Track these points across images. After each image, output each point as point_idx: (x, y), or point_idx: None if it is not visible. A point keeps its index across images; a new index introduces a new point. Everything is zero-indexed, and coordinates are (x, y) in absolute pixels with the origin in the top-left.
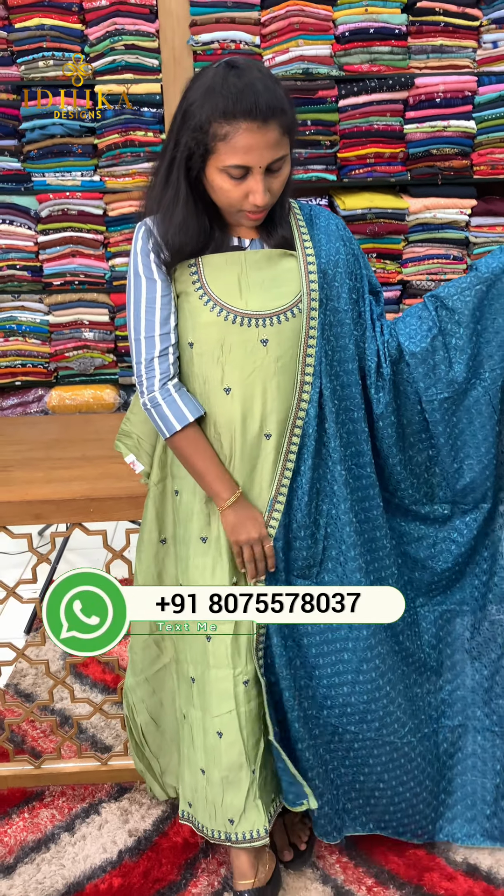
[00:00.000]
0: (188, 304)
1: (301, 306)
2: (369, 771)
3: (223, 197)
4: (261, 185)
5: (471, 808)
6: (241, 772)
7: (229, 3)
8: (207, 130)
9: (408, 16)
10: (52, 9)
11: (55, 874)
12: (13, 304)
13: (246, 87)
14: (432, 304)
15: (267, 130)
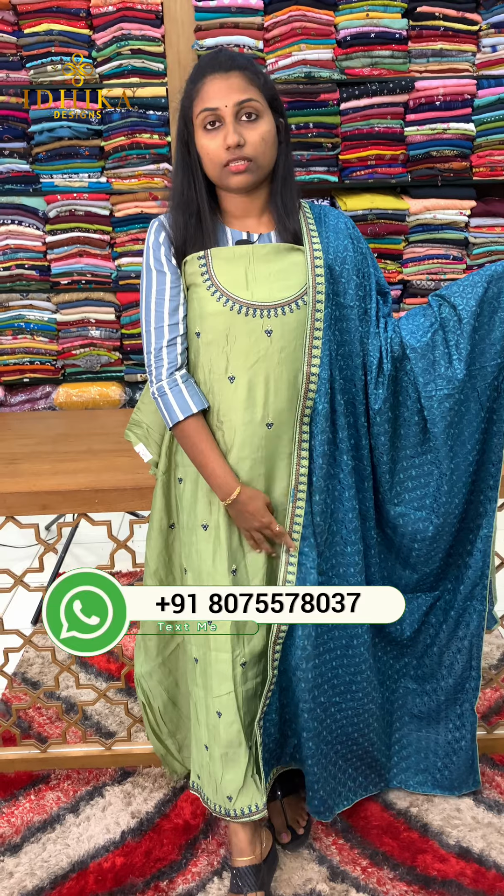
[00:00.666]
0: (196, 294)
1: (306, 298)
2: (346, 739)
3: (206, 155)
4: (230, 127)
5: (423, 761)
6: (240, 748)
7: (233, 8)
8: (189, 96)
9: (408, 20)
10: (60, 14)
11: (60, 853)
12: (22, 302)
13: (212, 53)
14: (436, 301)
15: (229, 76)
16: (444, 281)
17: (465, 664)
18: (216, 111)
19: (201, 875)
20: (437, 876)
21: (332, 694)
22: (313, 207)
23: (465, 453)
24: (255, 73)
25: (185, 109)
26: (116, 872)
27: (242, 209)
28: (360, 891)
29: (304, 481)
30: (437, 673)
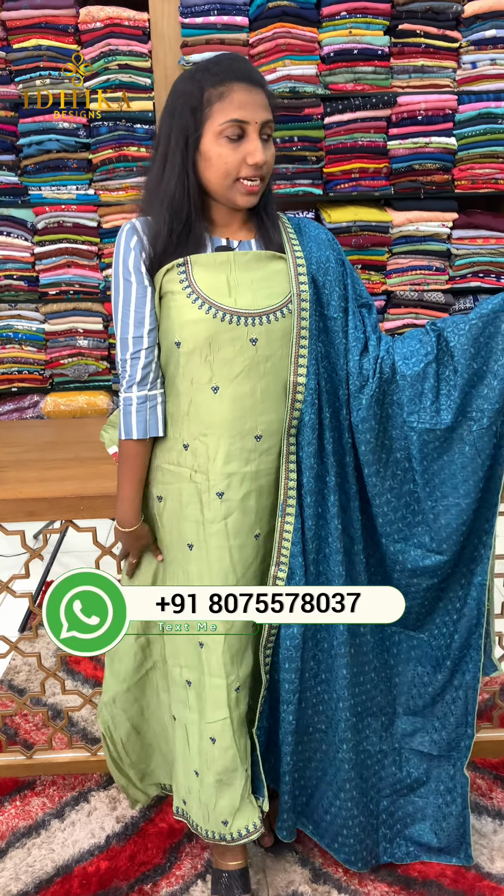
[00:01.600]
0: (175, 302)
1: (291, 307)
2: (323, 777)
3: (220, 166)
4: (258, 143)
5: (410, 827)
6: (236, 773)
7: (219, 25)
8: (201, 98)
9: (390, 38)
10: (48, 30)
11: (45, 858)
12: (10, 312)
13: (231, 59)
14: (434, 332)
15: (259, 92)
16: (427, 292)
17: (461, 718)
18: (245, 124)
19: (185, 878)
20: (417, 877)
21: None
22: (291, 219)
23: (457, 496)
24: (271, 94)
25: (197, 110)
26: (101, 876)
27: (227, 218)
28: (341, 892)
29: (294, 495)
30: (429, 724)
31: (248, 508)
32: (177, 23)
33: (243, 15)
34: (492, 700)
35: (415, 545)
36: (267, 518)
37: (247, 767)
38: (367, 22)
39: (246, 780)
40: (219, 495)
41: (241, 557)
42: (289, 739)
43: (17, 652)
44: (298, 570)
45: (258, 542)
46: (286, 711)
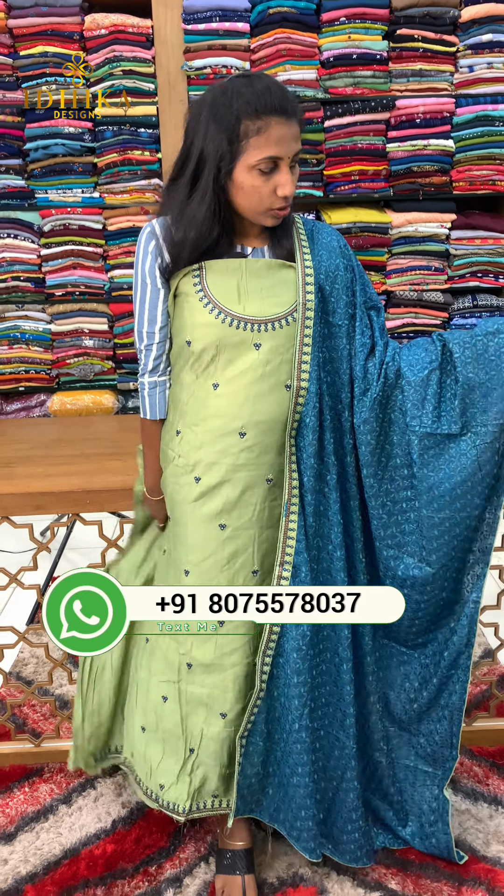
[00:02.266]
0: (188, 304)
1: (296, 315)
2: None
3: (253, 196)
4: (289, 176)
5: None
6: (178, 742)
7: (221, 31)
8: (237, 130)
9: (388, 42)
10: (54, 37)
11: (53, 841)
12: (17, 313)
13: (268, 86)
14: (440, 341)
15: (293, 123)
16: (426, 292)
17: (445, 738)
18: (279, 159)
19: (189, 860)
20: (415, 859)
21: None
22: (306, 223)
23: (453, 509)
24: (301, 117)
25: (234, 142)
26: (107, 858)
27: (246, 228)
28: (340, 873)
29: (297, 494)
30: (415, 739)
31: (218, 495)
32: (180, 29)
33: (245, 21)
34: (489, 690)
35: (407, 553)
36: (238, 511)
37: (193, 748)
38: (366, 27)
39: (186, 759)
40: (196, 479)
41: (202, 541)
42: (303, 759)
43: (25, 643)
44: (304, 566)
45: (223, 533)
46: (298, 729)
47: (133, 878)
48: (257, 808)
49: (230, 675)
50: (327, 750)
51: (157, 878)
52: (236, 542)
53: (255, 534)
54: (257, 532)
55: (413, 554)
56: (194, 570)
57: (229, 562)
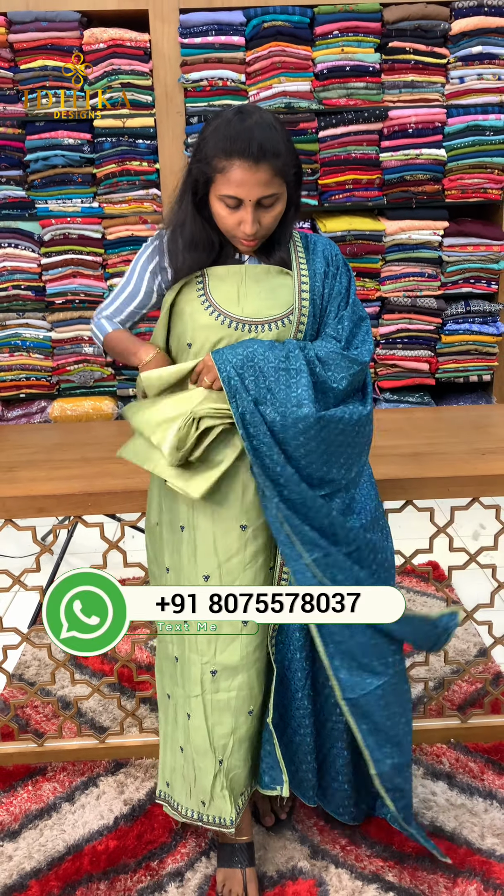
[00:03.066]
0: (190, 308)
1: (291, 318)
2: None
3: (220, 222)
4: (249, 217)
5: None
6: (206, 758)
7: (216, 44)
8: (210, 163)
9: (381, 55)
10: (54, 51)
11: (56, 838)
12: (18, 321)
13: (245, 129)
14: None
15: (258, 170)
16: (420, 298)
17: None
18: (239, 200)
19: (190, 855)
20: (411, 852)
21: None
22: (304, 237)
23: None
24: (283, 159)
25: (202, 172)
26: (110, 854)
27: None
28: (338, 867)
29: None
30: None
31: (235, 497)
32: (176, 43)
33: (240, 35)
34: (483, 688)
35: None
36: (256, 511)
37: (221, 759)
38: (359, 40)
39: (219, 771)
40: None
41: (224, 544)
42: (306, 722)
43: (28, 643)
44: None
45: (245, 534)
46: (301, 697)
47: (135, 872)
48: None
49: (254, 671)
50: (324, 716)
51: (159, 872)
52: (257, 542)
53: (270, 533)
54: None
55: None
56: (216, 572)
57: (252, 560)
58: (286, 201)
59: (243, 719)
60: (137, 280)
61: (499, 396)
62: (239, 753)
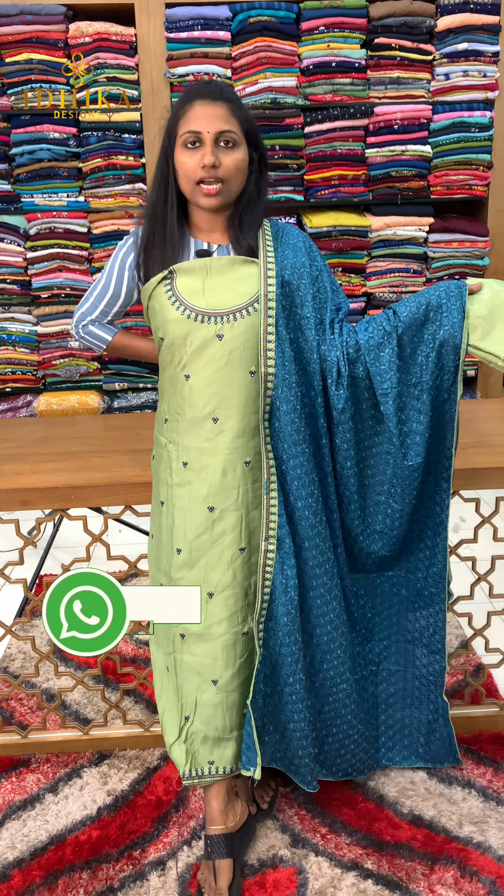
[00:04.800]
0: (159, 304)
1: (257, 305)
2: (325, 717)
3: (182, 170)
4: (210, 148)
5: (408, 737)
6: (174, 708)
7: (202, 39)
8: (176, 115)
9: (366, 51)
10: (39, 45)
11: (39, 828)
12: (4, 315)
13: (204, 82)
14: (390, 310)
15: (215, 105)
16: (405, 293)
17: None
18: (198, 134)
19: (172, 844)
20: (390, 840)
21: (311, 671)
22: (273, 225)
23: (416, 444)
24: (239, 107)
25: (171, 127)
26: (92, 844)
27: (209, 224)
28: (318, 854)
29: (274, 472)
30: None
31: (203, 479)
32: (162, 37)
33: (226, 30)
34: (464, 679)
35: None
36: (223, 493)
37: (188, 716)
38: (345, 36)
39: (181, 728)
40: (184, 465)
41: (193, 521)
42: (299, 707)
43: (12, 636)
44: (287, 538)
45: (213, 514)
46: (294, 675)
47: (118, 861)
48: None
49: (219, 644)
50: (324, 695)
51: (141, 861)
52: (224, 523)
53: (241, 514)
54: (244, 513)
55: (394, 496)
56: (186, 547)
57: (218, 539)
58: (247, 160)
59: (206, 686)
60: (118, 280)
61: (483, 392)
62: (202, 716)
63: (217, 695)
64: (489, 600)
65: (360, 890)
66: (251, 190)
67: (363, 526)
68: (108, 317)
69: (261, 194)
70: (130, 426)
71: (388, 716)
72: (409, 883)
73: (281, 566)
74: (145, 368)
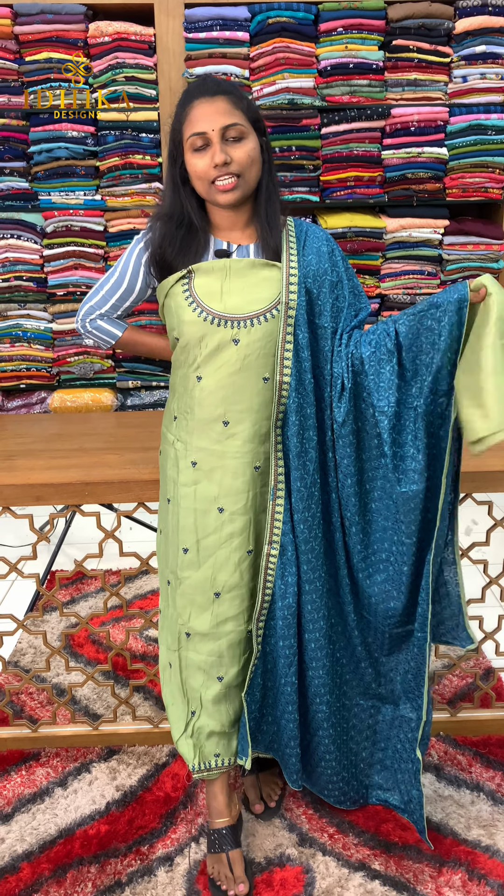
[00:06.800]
0: (176, 303)
1: (275, 312)
2: (310, 727)
3: (195, 174)
4: (218, 146)
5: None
6: (180, 704)
7: (221, 40)
8: (179, 119)
9: (384, 52)
10: (59, 44)
11: (48, 822)
12: (19, 312)
13: (199, 80)
14: (391, 322)
15: (215, 101)
16: (419, 295)
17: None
18: (204, 135)
19: (180, 840)
20: (398, 842)
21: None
22: (298, 225)
23: (410, 471)
24: (239, 97)
25: (176, 133)
26: (101, 838)
27: (229, 222)
28: (325, 854)
29: (283, 480)
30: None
31: (213, 480)
32: (181, 37)
33: (244, 30)
34: (473, 682)
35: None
36: (234, 497)
37: (194, 710)
38: (363, 38)
39: (187, 723)
40: (192, 464)
41: (202, 522)
42: (290, 709)
43: (24, 630)
44: (290, 545)
45: (222, 516)
46: (288, 675)
47: (126, 856)
48: (255, 744)
49: (225, 642)
50: (309, 700)
51: (149, 857)
52: (234, 525)
53: (250, 518)
54: (252, 516)
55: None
56: (193, 546)
57: (227, 540)
58: (259, 148)
59: (212, 682)
60: (132, 275)
61: None
62: (208, 710)
63: (222, 691)
64: (500, 604)
65: (367, 890)
66: (267, 181)
67: (365, 552)
68: (117, 311)
69: (275, 184)
70: (143, 424)
71: (368, 753)
72: (417, 885)
73: (282, 572)
74: (159, 367)
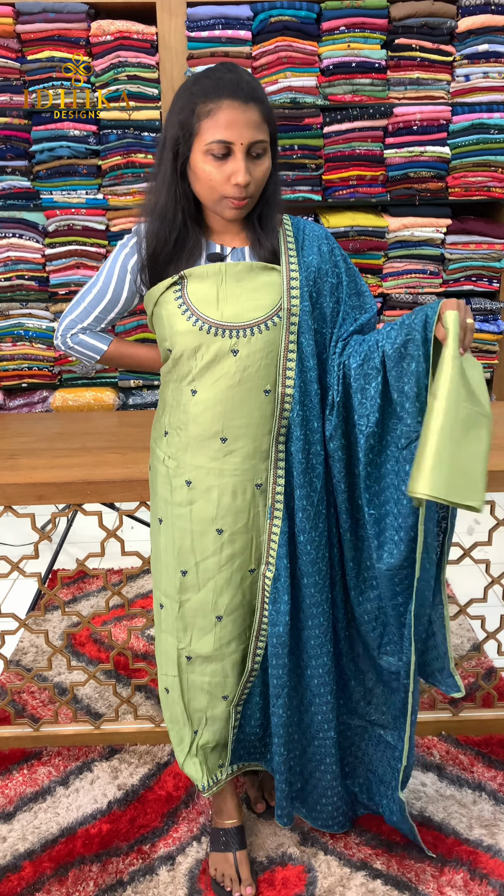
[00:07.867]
0: (167, 312)
1: (276, 320)
2: (309, 758)
3: (206, 181)
4: (242, 164)
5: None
6: (183, 728)
7: (223, 38)
8: (193, 110)
9: (387, 51)
10: (61, 42)
11: (50, 821)
12: (21, 311)
13: (230, 71)
14: (374, 339)
15: (248, 109)
16: (421, 294)
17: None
18: (230, 145)
19: (181, 840)
20: (399, 841)
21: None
22: (296, 223)
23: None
24: (268, 106)
25: (187, 125)
26: (102, 837)
27: (223, 225)
28: (327, 854)
29: (281, 500)
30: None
31: (210, 500)
32: (183, 36)
33: (247, 29)
34: (476, 682)
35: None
36: (233, 517)
37: (196, 730)
38: (365, 36)
39: (192, 742)
40: (187, 483)
41: (200, 544)
42: (280, 732)
43: (26, 629)
44: (283, 572)
45: (221, 537)
46: (276, 705)
47: (127, 855)
48: (262, 759)
49: (228, 662)
50: (310, 737)
51: (151, 856)
52: (234, 546)
53: (252, 537)
54: (254, 535)
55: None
56: (193, 570)
57: (228, 562)
58: (270, 168)
59: (217, 702)
60: (117, 284)
61: (498, 394)
62: (213, 728)
63: (227, 709)
64: (502, 603)
65: (368, 890)
66: (271, 190)
67: (357, 569)
68: (101, 324)
69: (277, 190)
70: (145, 423)
71: (364, 779)
72: (419, 884)
73: (274, 600)
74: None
